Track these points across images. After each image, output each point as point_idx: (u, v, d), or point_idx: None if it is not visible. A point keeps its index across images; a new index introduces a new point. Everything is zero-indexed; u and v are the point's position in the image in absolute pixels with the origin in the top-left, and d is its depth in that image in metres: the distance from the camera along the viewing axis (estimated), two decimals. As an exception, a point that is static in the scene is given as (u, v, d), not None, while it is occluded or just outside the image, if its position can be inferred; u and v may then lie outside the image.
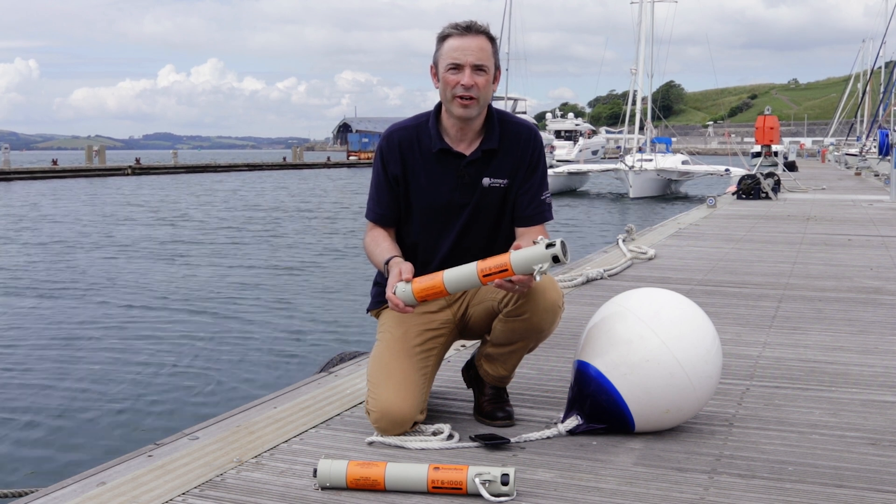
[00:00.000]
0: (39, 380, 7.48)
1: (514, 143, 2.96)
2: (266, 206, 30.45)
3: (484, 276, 2.60)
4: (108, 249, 17.42)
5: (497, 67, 2.91)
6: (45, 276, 13.81)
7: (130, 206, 29.75)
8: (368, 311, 3.17)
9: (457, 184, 2.93)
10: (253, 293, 12.10)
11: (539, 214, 2.98)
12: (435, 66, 2.90)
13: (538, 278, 2.55)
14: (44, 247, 17.90)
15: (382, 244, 2.94)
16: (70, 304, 11.16)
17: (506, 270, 2.57)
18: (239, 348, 8.65)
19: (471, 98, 2.82)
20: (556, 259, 2.53)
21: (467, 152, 2.93)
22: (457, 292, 2.78)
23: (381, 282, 3.08)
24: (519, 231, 2.98)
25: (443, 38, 2.87)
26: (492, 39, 2.87)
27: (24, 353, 8.46)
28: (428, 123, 2.95)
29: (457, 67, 2.82)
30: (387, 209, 2.99)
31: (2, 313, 10.61)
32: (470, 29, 2.84)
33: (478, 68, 2.82)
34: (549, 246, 2.53)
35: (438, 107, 2.96)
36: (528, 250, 2.56)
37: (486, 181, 2.93)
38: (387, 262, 2.82)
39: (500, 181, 2.94)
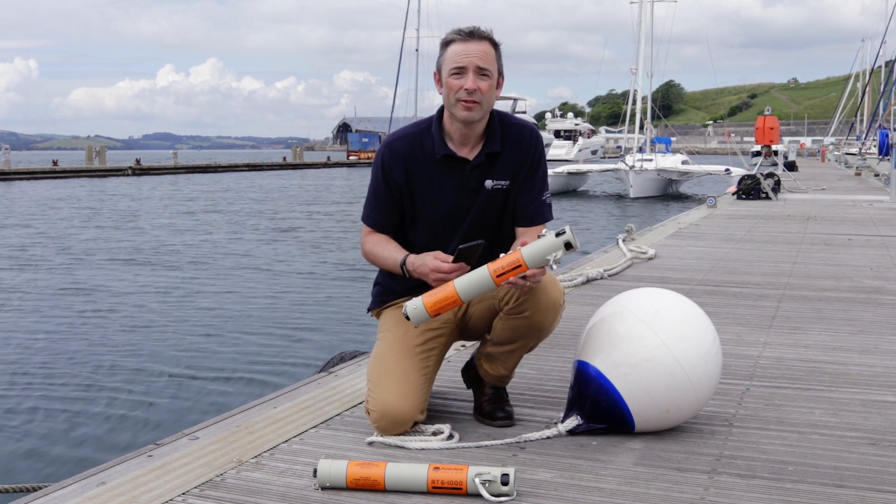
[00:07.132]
0: (39, 380, 7.48)
1: (516, 145, 2.96)
2: (265, 206, 30.44)
3: (498, 276, 2.57)
4: (104, 248, 17.42)
5: (500, 73, 2.90)
6: (43, 276, 13.81)
7: (129, 203, 29.79)
8: (369, 310, 3.17)
9: (462, 188, 2.93)
10: (253, 292, 12.10)
11: (539, 215, 2.98)
12: (438, 71, 2.90)
13: (554, 267, 2.54)
14: (43, 246, 17.90)
15: (389, 245, 2.95)
16: (68, 305, 11.15)
17: (519, 266, 2.55)
18: (239, 348, 8.64)
19: (474, 101, 2.82)
20: (568, 245, 2.51)
21: (471, 157, 2.92)
22: (471, 299, 2.69)
23: (381, 282, 3.09)
24: (519, 231, 2.98)
25: (446, 44, 2.87)
26: (495, 45, 2.86)
27: (24, 353, 8.46)
28: (430, 129, 2.94)
29: (460, 71, 2.81)
30: (387, 217, 2.99)
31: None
32: (473, 34, 2.83)
33: (481, 71, 2.81)
34: (559, 234, 2.52)
35: (440, 112, 2.96)
36: (538, 242, 2.55)
37: (488, 183, 2.93)
38: (403, 263, 2.84)
39: (502, 182, 2.94)
